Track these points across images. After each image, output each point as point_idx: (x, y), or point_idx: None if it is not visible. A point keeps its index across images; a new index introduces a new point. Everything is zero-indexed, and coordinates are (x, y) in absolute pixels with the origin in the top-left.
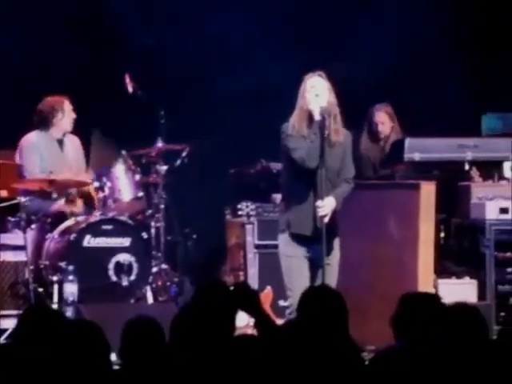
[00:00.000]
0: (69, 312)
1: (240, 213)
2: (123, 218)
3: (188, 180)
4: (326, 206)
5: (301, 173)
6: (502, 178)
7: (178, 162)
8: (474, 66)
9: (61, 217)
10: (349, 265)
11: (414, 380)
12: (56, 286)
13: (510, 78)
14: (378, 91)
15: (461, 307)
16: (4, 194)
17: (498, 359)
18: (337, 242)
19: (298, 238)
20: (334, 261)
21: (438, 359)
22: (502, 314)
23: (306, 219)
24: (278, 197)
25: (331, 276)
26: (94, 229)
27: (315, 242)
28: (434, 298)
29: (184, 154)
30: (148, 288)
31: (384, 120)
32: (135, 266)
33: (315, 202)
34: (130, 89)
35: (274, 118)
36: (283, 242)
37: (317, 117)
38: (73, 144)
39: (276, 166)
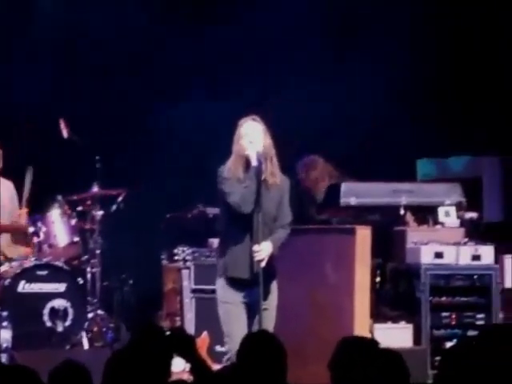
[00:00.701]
0: (3, 358)
1: (176, 258)
2: (58, 263)
3: (124, 225)
4: (263, 250)
5: (237, 217)
6: (436, 222)
7: (114, 207)
8: (408, 111)
9: None
10: (287, 309)
11: None
12: None
13: (443, 124)
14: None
15: (384, 353)
16: None
17: None
18: (274, 287)
19: (235, 283)
20: (271, 305)
21: None
22: (437, 358)
23: (242, 263)
24: (214, 241)
25: (269, 321)
26: (29, 274)
27: (252, 286)
28: (372, 342)
29: (120, 198)
30: (83, 334)
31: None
32: (70, 311)
33: (252, 246)
34: (65, 134)
35: (211, 162)
36: (220, 286)
37: (253, 162)
38: (6, 188)
39: (213, 211)
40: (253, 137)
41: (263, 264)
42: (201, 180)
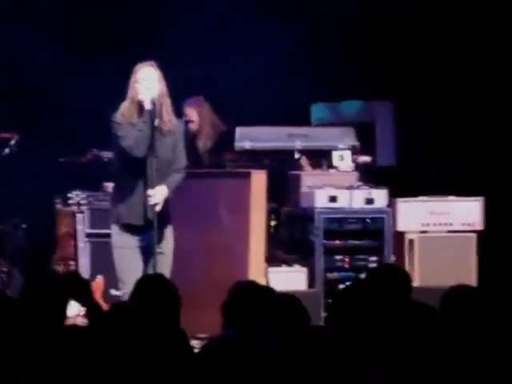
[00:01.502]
0: None
1: (71, 202)
2: None
3: (17, 169)
4: (157, 194)
5: (130, 162)
6: (331, 166)
7: (7, 150)
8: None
9: None
10: (182, 254)
11: (240, 370)
12: None
13: (338, 68)
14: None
15: (282, 296)
16: None
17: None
18: (169, 231)
19: (129, 228)
20: (167, 249)
21: (263, 349)
22: (330, 300)
23: (136, 209)
24: (109, 185)
25: (165, 265)
26: None
27: (147, 230)
28: (265, 287)
29: (12, 142)
30: None
31: (193, 117)
32: None
33: (146, 191)
34: None
35: (106, 106)
36: (115, 232)
37: (147, 106)
38: None
39: (107, 155)
40: (149, 82)
41: (158, 208)
42: (95, 123)
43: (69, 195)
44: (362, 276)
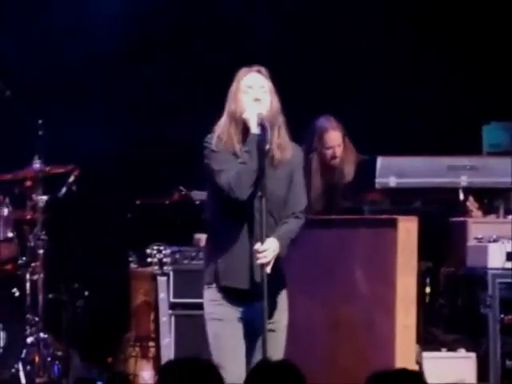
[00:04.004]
0: None
1: (150, 260)
2: None
3: (77, 215)
4: (268, 250)
5: (231, 205)
6: (509, 211)
7: (63, 190)
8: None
9: None
10: (298, 332)
11: None
12: None
13: None
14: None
15: None
16: None
17: None
18: (283, 300)
19: (229, 295)
20: (279, 326)
21: None
22: None
23: (240, 268)
24: (202, 238)
25: (276, 347)
26: None
27: (253, 299)
28: (418, 377)
29: (71, 178)
30: (20, 366)
31: (340, 141)
32: (2, 335)
33: (253, 245)
34: None
35: (196, 130)
36: (210, 299)
37: (254, 129)
38: None
39: (200, 196)
40: (258, 92)
41: (269, 269)
42: (183, 154)
43: (147, 251)
44: None
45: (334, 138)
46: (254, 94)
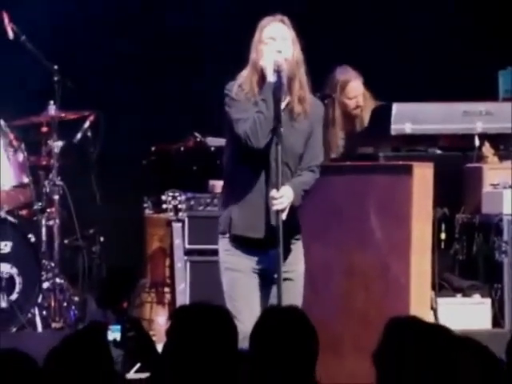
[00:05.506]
0: None
1: (165, 206)
2: (1, 213)
3: (91, 161)
4: (284, 197)
5: (248, 153)
6: None
7: (79, 135)
8: None
9: None
10: (314, 279)
11: None
12: None
13: None
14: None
15: (465, 343)
16: None
17: None
18: (299, 248)
19: (244, 243)
20: (296, 274)
21: None
22: None
23: (255, 216)
24: (217, 184)
25: (294, 295)
26: None
27: (269, 247)
28: (435, 325)
29: (86, 124)
30: (36, 311)
31: (362, 90)
32: (18, 280)
33: (268, 193)
34: (11, 33)
35: (212, 78)
36: (224, 248)
37: (270, 77)
38: None
39: (215, 142)
40: (279, 43)
41: (284, 216)
42: (198, 102)
43: (162, 197)
44: None
45: (357, 87)
46: (275, 46)
